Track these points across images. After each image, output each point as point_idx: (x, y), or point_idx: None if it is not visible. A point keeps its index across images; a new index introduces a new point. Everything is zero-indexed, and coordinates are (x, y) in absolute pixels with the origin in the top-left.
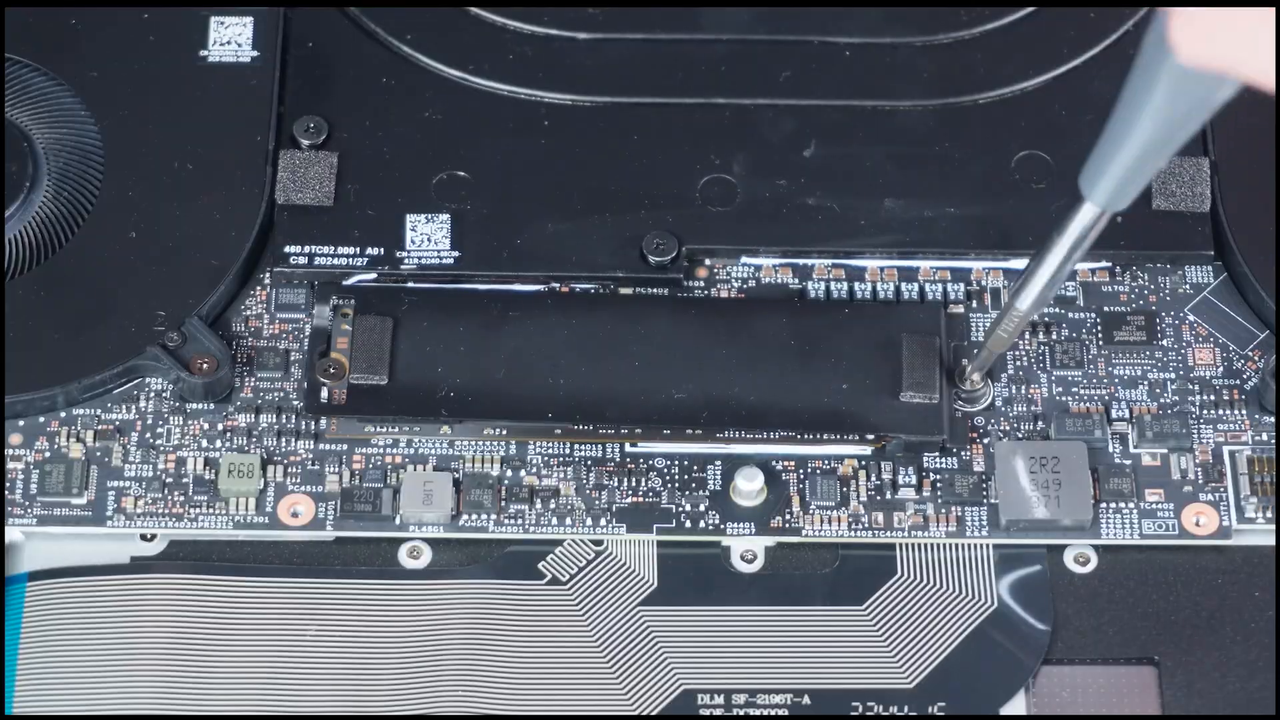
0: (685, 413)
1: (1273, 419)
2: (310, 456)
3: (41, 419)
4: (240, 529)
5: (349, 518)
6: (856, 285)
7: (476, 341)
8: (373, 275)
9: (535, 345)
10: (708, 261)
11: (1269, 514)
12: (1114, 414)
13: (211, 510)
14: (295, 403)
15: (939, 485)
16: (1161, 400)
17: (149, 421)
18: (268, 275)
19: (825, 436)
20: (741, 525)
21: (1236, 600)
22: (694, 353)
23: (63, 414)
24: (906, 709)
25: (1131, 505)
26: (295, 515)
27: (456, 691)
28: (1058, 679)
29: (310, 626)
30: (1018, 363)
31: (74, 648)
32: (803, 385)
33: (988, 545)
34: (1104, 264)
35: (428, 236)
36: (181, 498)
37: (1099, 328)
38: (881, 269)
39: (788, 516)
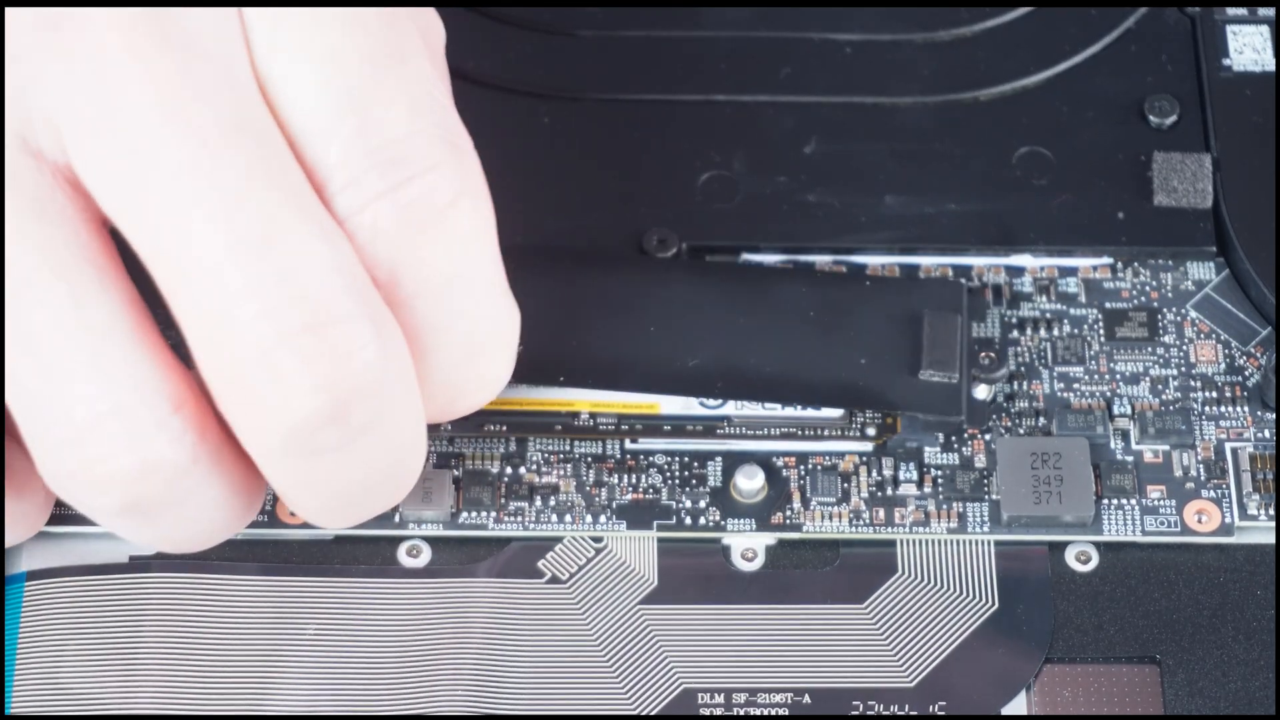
0: (700, 380)
1: (1274, 416)
2: None
3: None
4: None
5: None
6: None
7: None
8: None
9: (548, 304)
10: (708, 258)
11: (1270, 511)
12: (1116, 410)
13: None
14: None
15: (940, 481)
16: (1163, 396)
17: None
18: None
19: (826, 433)
20: (742, 522)
21: (1239, 599)
22: (712, 319)
23: None
24: (907, 708)
25: (1133, 502)
26: (294, 513)
27: (456, 690)
28: (1059, 678)
29: (310, 626)
30: (1020, 359)
31: (73, 647)
32: (821, 357)
33: (988, 541)
34: (1106, 260)
35: None
36: None
37: (1101, 324)
38: (882, 265)
39: (788, 512)
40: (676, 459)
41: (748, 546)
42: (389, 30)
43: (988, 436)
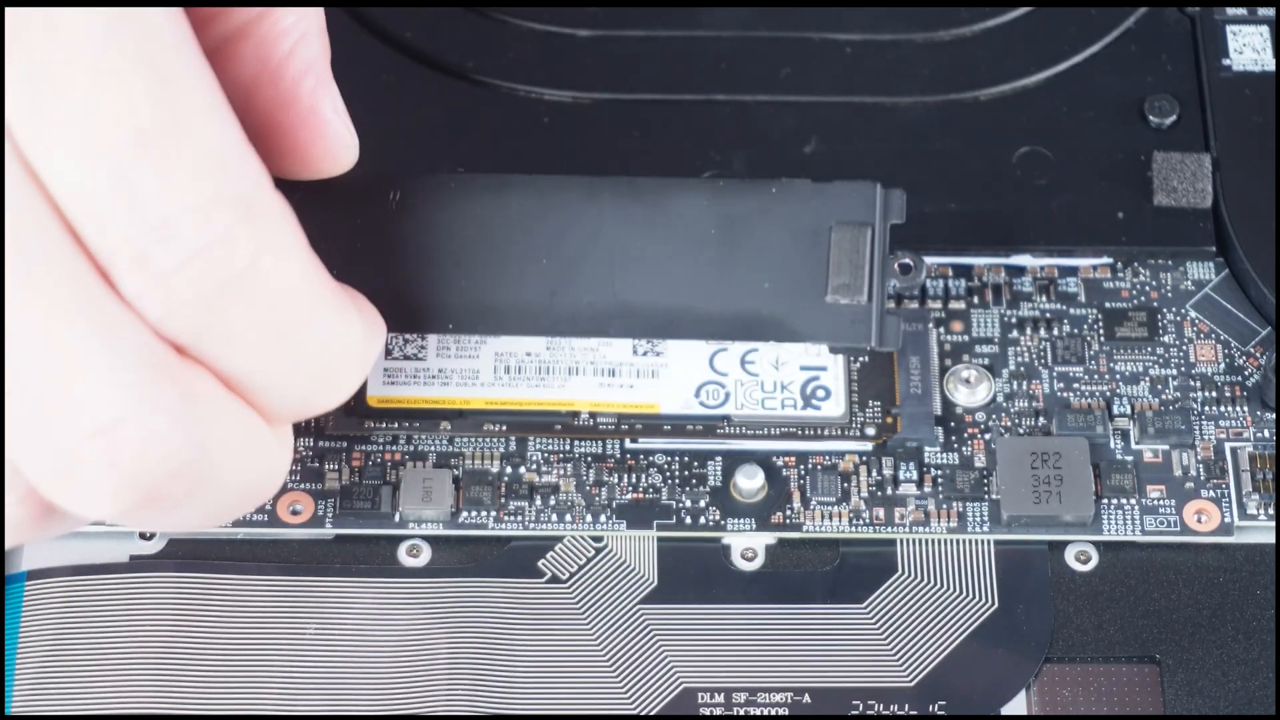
0: (595, 319)
1: (1274, 415)
2: (310, 454)
3: None
4: (239, 527)
5: (348, 515)
6: None
7: (368, 234)
8: None
9: (435, 240)
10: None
11: (1270, 511)
12: (1115, 410)
13: None
14: None
15: (940, 481)
16: (1163, 396)
17: None
18: None
19: (826, 433)
20: (742, 521)
21: (1238, 599)
22: (607, 244)
23: None
24: (907, 708)
25: (1133, 501)
26: (295, 513)
27: (455, 690)
28: (1059, 678)
29: (310, 625)
30: (1020, 359)
31: (73, 647)
32: (722, 284)
33: (988, 541)
34: (1105, 260)
35: None
36: None
37: (1100, 324)
38: None
39: (788, 512)
40: (676, 459)
41: (748, 546)
42: (161, 91)
43: (987, 436)
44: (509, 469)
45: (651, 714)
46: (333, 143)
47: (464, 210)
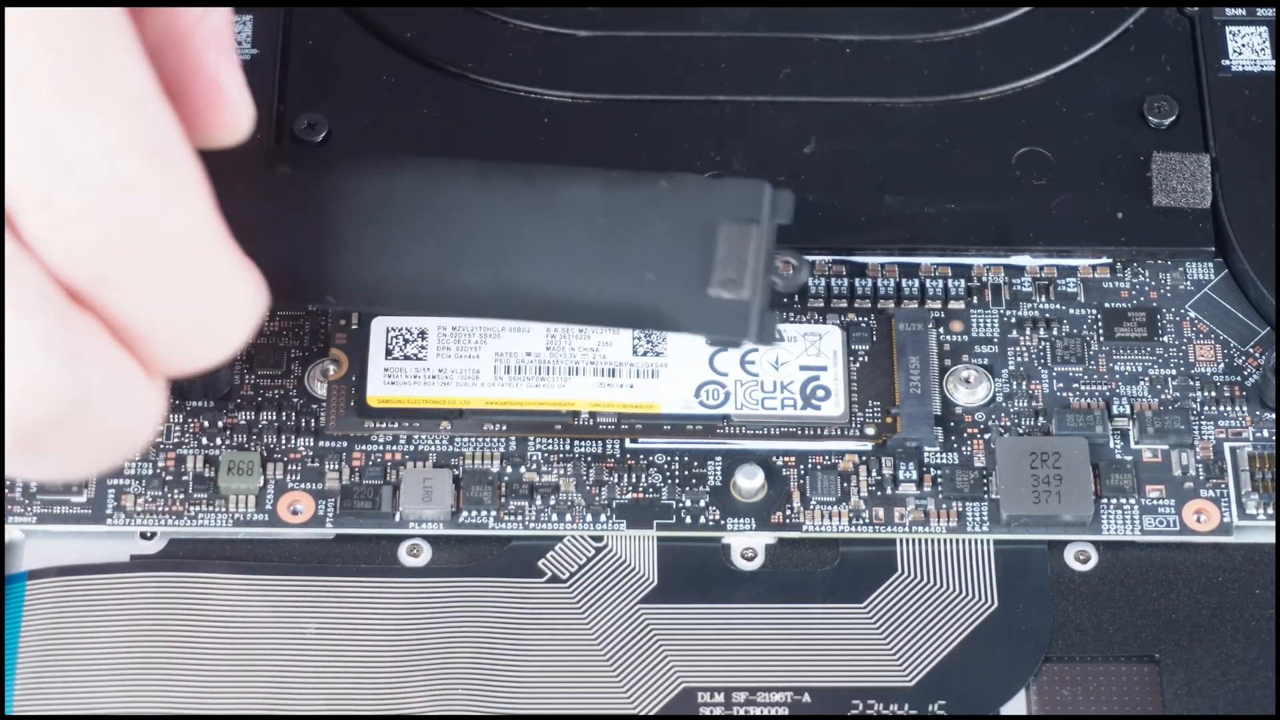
0: (475, 299)
1: (1273, 415)
2: (310, 454)
3: None
4: (240, 527)
5: (349, 515)
6: (857, 281)
7: (255, 205)
8: None
9: (321, 212)
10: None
11: (1269, 510)
12: (1115, 410)
13: (211, 508)
14: (295, 399)
15: (940, 481)
16: (1162, 396)
17: None
18: None
19: (825, 433)
20: (742, 521)
21: (1237, 598)
22: (495, 228)
23: None
24: (907, 707)
25: (1132, 501)
26: (295, 513)
27: (455, 690)
28: (1058, 677)
29: (310, 625)
30: (1019, 359)
31: (74, 647)
32: (607, 272)
33: (988, 541)
34: (1105, 260)
35: None
36: (181, 495)
37: (1100, 324)
38: (882, 265)
39: (788, 512)
40: (676, 458)
41: (748, 546)
42: (80, 37)
43: (987, 436)
44: (509, 469)
45: (651, 714)
46: (231, 114)
47: (352, 186)
